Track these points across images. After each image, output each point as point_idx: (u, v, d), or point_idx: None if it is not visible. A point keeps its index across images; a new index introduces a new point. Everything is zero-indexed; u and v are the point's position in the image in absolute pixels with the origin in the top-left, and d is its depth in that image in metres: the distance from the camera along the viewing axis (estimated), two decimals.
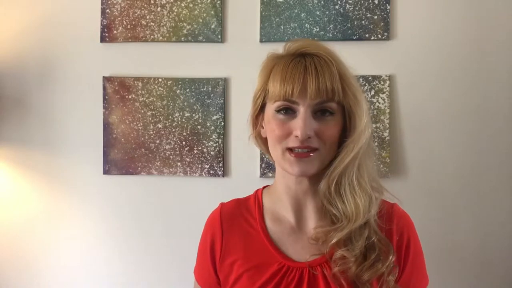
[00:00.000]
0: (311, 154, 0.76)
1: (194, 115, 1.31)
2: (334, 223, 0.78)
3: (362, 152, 0.78)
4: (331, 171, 0.78)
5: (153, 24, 1.32)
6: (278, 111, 0.77)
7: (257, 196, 0.89)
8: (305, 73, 0.75)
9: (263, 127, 0.84)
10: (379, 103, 1.26)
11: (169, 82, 1.31)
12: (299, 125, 0.74)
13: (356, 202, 0.76)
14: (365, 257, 0.75)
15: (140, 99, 1.32)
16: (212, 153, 1.30)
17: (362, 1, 1.27)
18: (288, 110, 0.77)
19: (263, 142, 0.87)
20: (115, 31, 1.32)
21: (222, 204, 0.91)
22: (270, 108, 0.79)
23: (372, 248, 0.75)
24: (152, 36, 1.32)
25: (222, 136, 1.30)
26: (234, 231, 0.85)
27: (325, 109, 0.76)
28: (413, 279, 0.81)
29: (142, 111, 1.32)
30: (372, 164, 0.82)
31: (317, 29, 1.28)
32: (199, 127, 1.31)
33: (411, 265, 0.80)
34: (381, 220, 0.78)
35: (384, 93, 1.26)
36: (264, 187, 0.92)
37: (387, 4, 1.26)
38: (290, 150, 0.77)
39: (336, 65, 0.77)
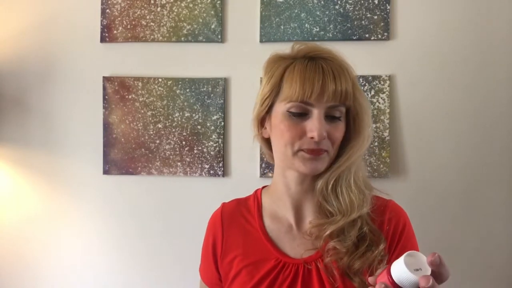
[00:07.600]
0: (322, 154, 0.79)
1: (194, 115, 1.31)
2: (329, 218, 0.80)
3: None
4: (332, 171, 0.80)
5: (153, 24, 1.32)
6: (291, 112, 0.78)
7: (256, 196, 0.91)
8: (324, 75, 0.76)
9: (265, 128, 0.85)
10: (379, 103, 1.26)
11: (169, 82, 1.31)
12: (315, 126, 0.76)
13: (351, 198, 0.79)
14: (357, 247, 0.77)
15: (140, 99, 1.32)
16: (212, 153, 1.30)
17: (362, 1, 1.27)
18: (300, 111, 0.78)
19: (264, 141, 0.89)
20: (115, 31, 1.32)
21: (223, 204, 0.94)
22: (281, 108, 0.79)
23: (364, 239, 0.78)
24: (152, 36, 1.32)
25: (222, 136, 1.30)
26: (234, 229, 0.88)
27: (335, 112, 0.78)
28: None
29: (142, 111, 1.32)
30: (363, 163, 0.87)
31: (317, 29, 1.28)
32: (199, 127, 1.31)
33: (402, 248, 0.81)
34: (374, 214, 0.81)
35: (384, 93, 1.26)
36: (263, 187, 0.94)
37: (387, 4, 1.26)
38: (303, 150, 0.79)
39: (350, 70, 0.80)
